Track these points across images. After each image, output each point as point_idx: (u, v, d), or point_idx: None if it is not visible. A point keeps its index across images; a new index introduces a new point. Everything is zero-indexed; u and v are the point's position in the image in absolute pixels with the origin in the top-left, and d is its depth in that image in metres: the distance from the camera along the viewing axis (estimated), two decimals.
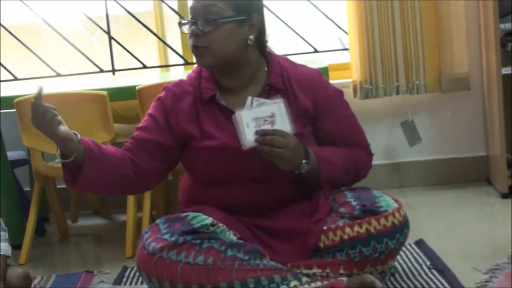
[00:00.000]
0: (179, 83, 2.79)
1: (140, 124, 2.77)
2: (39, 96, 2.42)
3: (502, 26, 4.06)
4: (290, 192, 2.73)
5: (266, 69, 2.76)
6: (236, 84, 2.73)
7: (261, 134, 2.54)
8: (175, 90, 2.76)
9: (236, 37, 2.65)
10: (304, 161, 2.61)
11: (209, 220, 2.56)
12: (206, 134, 2.67)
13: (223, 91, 2.74)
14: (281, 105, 2.57)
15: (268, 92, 2.72)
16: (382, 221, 2.58)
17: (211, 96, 2.71)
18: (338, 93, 2.84)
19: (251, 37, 2.67)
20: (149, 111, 2.78)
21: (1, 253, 2.94)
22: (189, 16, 2.66)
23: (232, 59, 2.67)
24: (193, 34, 2.63)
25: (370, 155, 2.90)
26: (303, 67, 2.85)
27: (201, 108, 2.72)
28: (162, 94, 2.78)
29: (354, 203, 2.66)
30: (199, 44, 2.62)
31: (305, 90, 2.75)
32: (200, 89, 2.73)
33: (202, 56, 2.64)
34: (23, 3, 4.68)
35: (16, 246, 3.83)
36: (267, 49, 2.79)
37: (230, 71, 2.71)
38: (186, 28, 2.68)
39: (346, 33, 4.45)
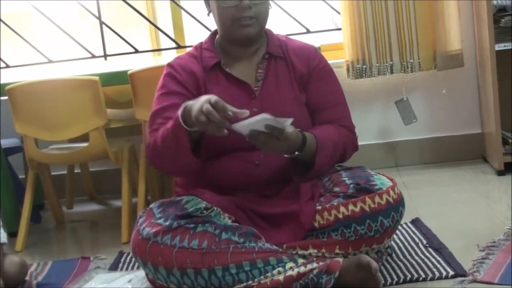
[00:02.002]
0: (180, 57, 2.86)
1: (162, 105, 2.72)
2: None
3: (495, 2, 4.04)
4: (286, 160, 2.72)
5: (265, 40, 2.86)
6: (244, 53, 2.82)
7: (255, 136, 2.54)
8: (179, 62, 2.80)
9: (269, 7, 2.79)
10: (296, 152, 2.65)
11: (203, 203, 2.56)
12: None
13: (226, 59, 2.79)
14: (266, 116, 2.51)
15: (268, 59, 2.81)
16: (377, 199, 2.58)
17: (214, 64, 2.73)
18: (330, 69, 2.91)
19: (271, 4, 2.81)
20: (164, 90, 2.75)
21: None
22: None
23: (264, 28, 2.81)
24: (244, 6, 2.67)
25: (355, 136, 2.90)
26: (301, 42, 2.96)
27: (206, 76, 2.74)
28: (168, 70, 2.79)
29: (348, 181, 2.66)
30: (251, 14, 2.69)
31: (301, 58, 2.85)
32: (202, 59, 2.77)
33: (251, 26, 2.72)
34: None
35: (12, 233, 3.84)
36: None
37: (253, 41, 2.80)
38: (220, 1, 2.70)
39: (339, 13, 4.43)
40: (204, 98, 2.40)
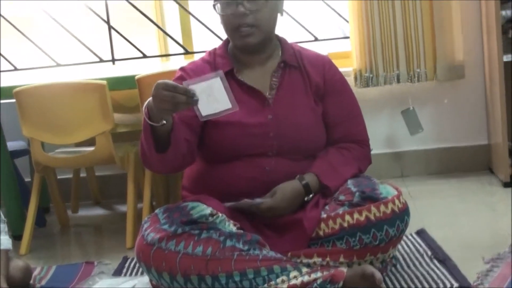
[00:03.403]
0: (193, 62, 2.83)
1: None
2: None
3: (503, 13, 4.04)
4: (296, 168, 2.72)
5: (280, 49, 2.82)
6: (256, 60, 2.78)
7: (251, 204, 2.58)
8: (192, 67, 2.78)
9: (275, 12, 2.72)
10: (306, 198, 2.67)
11: (208, 210, 2.55)
12: None
13: (239, 67, 2.76)
14: (217, 79, 2.48)
15: (283, 68, 2.78)
16: (382, 208, 2.57)
17: (227, 71, 2.71)
18: (345, 80, 2.90)
19: (282, 9, 2.76)
20: None
21: (1, 247, 2.94)
22: None
23: (270, 35, 2.74)
24: (239, 14, 2.62)
25: (369, 149, 2.90)
26: (314, 51, 2.93)
27: None
28: (180, 73, 2.77)
29: (354, 190, 2.65)
30: (248, 22, 2.64)
31: (316, 69, 2.82)
32: (215, 65, 2.75)
33: (251, 35, 2.67)
34: None
35: (16, 237, 3.84)
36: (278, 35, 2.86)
37: (261, 47, 2.76)
38: (220, 9, 2.67)
39: (347, 21, 4.44)
40: (159, 83, 2.36)
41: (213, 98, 2.41)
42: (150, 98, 2.42)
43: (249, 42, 2.68)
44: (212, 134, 2.70)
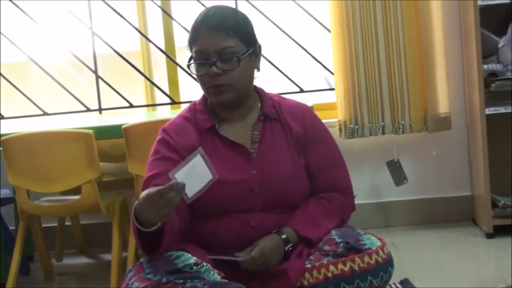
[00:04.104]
0: (173, 121, 2.80)
1: (153, 172, 2.67)
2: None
3: (485, 66, 4.10)
4: (282, 221, 2.72)
5: (259, 101, 2.81)
6: (236, 115, 2.76)
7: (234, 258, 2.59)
8: (173, 128, 2.76)
9: (251, 69, 2.72)
10: (286, 248, 2.65)
11: (193, 259, 2.55)
12: None
13: (219, 122, 2.76)
14: (198, 157, 2.51)
15: (263, 121, 2.76)
16: (366, 258, 2.57)
17: (209, 127, 2.72)
18: (325, 128, 2.88)
19: (258, 65, 2.75)
20: (156, 156, 2.72)
21: None
22: (199, 56, 2.67)
23: (246, 91, 2.73)
24: (213, 74, 2.65)
25: (352, 196, 2.90)
26: (293, 100, 2.91)
27: (201, 139, 2.72)
28: (162, 136, 2.75)
29: (338, 240, 2.66)
30: (222, 82, 2.64)
31: (296, 119, 2.80)
32: (196, 121, 2.75)
33: (224, 93, 2.66)
34: (10, 41, 4.71)
35: (0, 285, 3.82)
36: (257, 86, 2.84)
37: (238, 103, 2.74)
38: (195, 69, 2.69)
39: (332, 73, 4.49)
40: (144, 198, 2.34)
41: (196, 176, 2.42)
42: (136, 205, 2.41)
43: (223, 99, 2.69)
44: None
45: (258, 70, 2.76)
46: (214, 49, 2.63)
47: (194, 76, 2.73)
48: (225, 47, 2.63)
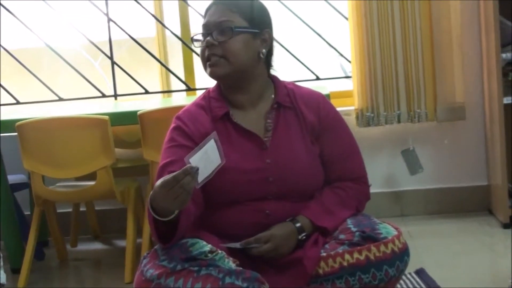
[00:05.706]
0: (187, 109, 2.79)
1: (168, 159, 2.66)
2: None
3: (503, 55, 4.07)
4: (297, 209, 2.71)
5: (273, 89, 2.79)
6: (246, 100, 2.74)
7: (246, 246, 2.58)
8: (188, 115, 2.75)
9: (249, 48, 2.68)
10: (299, 237, 2.65)
11: (207, 247, 2.54)
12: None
13: (233, 109, 2.75)
14: (212, 142, 2.50)
15: (277, 109, 2.75)
16: (382, 248, 2.56)
17: (223, 114, 2.71)
18: (340, 117, 2.86)
19: (264, 50, 2.71)
20: (171, 143, 2.71)
21: None
22: (202, 30, 2.68)
23: (245, 71, 2.69)
24: (208, 45, 2.64)
25: (367, 185, 2.89)
26: (308, 88, 2.88)
27: (215, 127, 2.71)
28: (176, 123, 2.74)
29: (354, 229, 2.65)
30: (215, 52, 2.64)
31: (310, 108, 2.78)
32: (211, 109, 2.74)
33: (217, 66, 2.65)
34: (26, 27, 4.71)
35: (15, 270, 3.84)
36: (272, 74, 2.81)
37: (241, 84, 2.72)
38: (198, 44, 2.69)
39: (349, 61, 4.47)
40: (160, 186, 2.32)
41: (207, 161, 2.42)
42: (152, 195, 2.39)
43: (216, 72, 2.66)
44: (210, 181, 2.69)
45: (263, 55, 2.71)
46: (214, 22, 2.64)
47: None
48: (224, 20, 2.63)
